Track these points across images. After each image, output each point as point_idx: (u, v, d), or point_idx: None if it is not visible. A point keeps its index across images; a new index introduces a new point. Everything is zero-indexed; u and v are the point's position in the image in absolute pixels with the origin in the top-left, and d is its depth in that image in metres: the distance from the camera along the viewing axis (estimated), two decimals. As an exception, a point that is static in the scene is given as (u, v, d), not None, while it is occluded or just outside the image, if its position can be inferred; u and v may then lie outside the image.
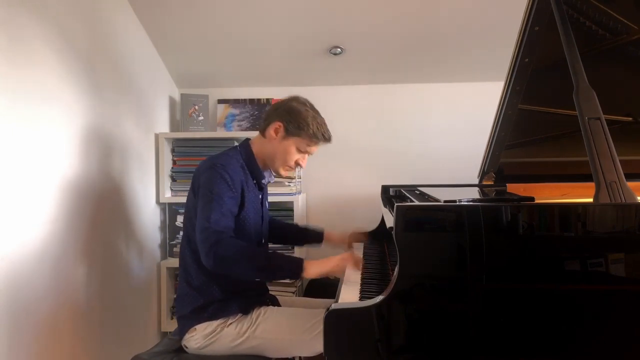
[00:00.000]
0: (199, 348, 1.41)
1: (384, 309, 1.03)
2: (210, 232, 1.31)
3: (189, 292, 1.45)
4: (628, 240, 1.01)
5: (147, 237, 2.20)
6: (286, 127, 1.46)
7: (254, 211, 1.50)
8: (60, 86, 1.56)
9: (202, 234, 1.32)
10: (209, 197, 1.35)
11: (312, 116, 1.48)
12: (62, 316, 1.56)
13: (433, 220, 1.05)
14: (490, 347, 1.01)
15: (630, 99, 1.66)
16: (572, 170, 1.75)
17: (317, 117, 1.49)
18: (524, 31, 1.47)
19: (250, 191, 1.47)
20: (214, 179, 1.37)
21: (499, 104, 1.73)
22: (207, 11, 2.06)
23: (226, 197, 1.36)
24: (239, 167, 1.45)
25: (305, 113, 1.47)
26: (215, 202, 1.34)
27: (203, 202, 1.36)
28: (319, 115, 1.51)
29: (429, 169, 2.63)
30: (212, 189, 1.36)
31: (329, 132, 1.52)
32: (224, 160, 1.43)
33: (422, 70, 2.53)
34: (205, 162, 1.45)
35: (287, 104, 1.49)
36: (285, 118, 1.46)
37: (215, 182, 1.37)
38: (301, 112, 1.46)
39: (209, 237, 1.30)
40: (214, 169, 1.39)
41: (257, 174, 1.52)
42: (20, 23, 1.38)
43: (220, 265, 1.30)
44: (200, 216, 1.35)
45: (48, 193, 1.50)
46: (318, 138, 1.49)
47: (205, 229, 1.32)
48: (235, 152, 1.50)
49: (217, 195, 1.35)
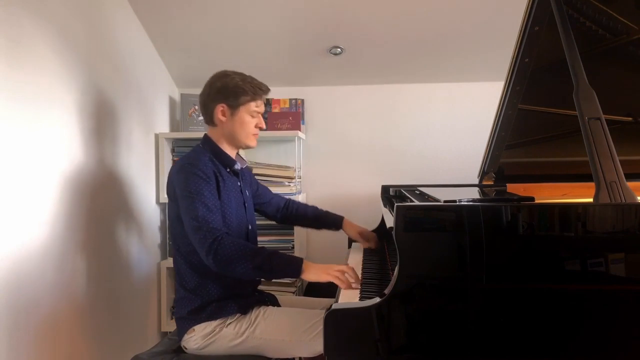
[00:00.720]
0: (198, 348, 1.41)
1: (384, 309, 1.03)
2: (204, 231, 1.31)
3: (185, 295, 1.45)
4: (628, 240, 1.01)
5: (147, 237, 2.20)
6: (228, 104, 1.48)
7: (235, 200, 1.50)
8: (60, 86, 1.56)
9: (197, 234, 1.32)
10: (189, 197, 1.36)
11: (240, 79, 1.49)
12: (62, 316, 1.56)
13: (433, 220, 1.05)
14: (490, 347, 1.01)
15: (630, 99, 1.66)
16: (572, 170, 1.75)
17: (244, 77, 1.50)
18: (524, 31, 1.47)
19: (226, 181, 1.48)
20: (187, 178, 1.38)
21: (499, 104, 1.73)
22: (207, 11, 2.06)
23: (206, 191, 1.37)
24: (208, 160, 1.46)
25: (233, 81, 1.48)
26: (197, 200, 1.35)
27: (186, 203, 1.36)
28: (244, 74, 1.52)
29: (429, 169, 2.62)
30: (190, 188, 1.36)
31: (263, 83, 1.53)
32: (191, 159, 1.43)
33: (422, 70, 2.53)
34: (174, 167, 1.46)
35: (215, 86, 1.50)
36: (222, 97, 1.48)
37: (190, 181, 1.37)
38: (229, 83, 1.48)
39: (206, 237, 1.31)
40: (184, 169, 1.40)
41: (228, 160, 1.52)
42: (20, 23, 1.38)
43: (221, 264, 1.31)
44: (187, 217, 1.35)
45: (48, 193, 1.50)
46: (258, 94, 1.51)
47: (198, 229, 1.32)
48: (199, 149, 1.51)
49: (196, 192, 1.36)
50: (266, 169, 2.39)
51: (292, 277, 1.39)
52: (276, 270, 1.34)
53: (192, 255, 1.41)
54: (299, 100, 2.60)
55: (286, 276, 1.41)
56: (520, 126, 1.77)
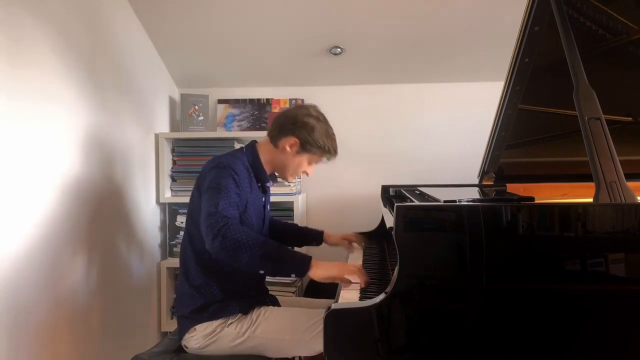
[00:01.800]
0: (199, 348, 1.41)
1: (384, 309, 1.03)
2: (218, 217, 1.29)
3: (189, 291, 1.44)
4: (628, 240, 1.01)
5: (147, 237, 2.20)
6: (302, 144, 1.49)
7: (256, 213, 1.50)
8: (60, 86, 1.56)
9: (209, 219, 1.30)
10: (216, 189, 1.35)
11: (326, 133, 1.52)
12: (62, 316, 1.56)
13: (433, 220, 1.05)
14: (490, 347, 1.01)
15: (630, 99, 1.66)
16: (572, 170, 1.75)
17: (329, 132, 1.54)
18: (524, 31, 1.47)
19: (253, 193, 1.48)
20: (221, 174, 1.38)
21: (499, 104, 1.73)
22: (207, 11, 2.06)
23: (232, 192, 1.37)
24: (244, 168, 1.46)
25: (321, 130, 1.50)
26: (223, 193, 1.35)
27: (210, 194, 1.35)
28: (331, 128, 1.55)
29: (429, 169, 2.62)
30: (220, 183, 1.36)
31: (337, 146, 1.58)
32: (230, 160, 1.43)
33: (422, 70, 2.53)
34: (211, 161, 1.46)
35: (304, 120, 1.49)
36: (302, 135, 1.48)
37: (223, 177, 1.38)
38: (317, 129, 1.49)
39: (217, 222, 1.29)
40: (221, 166, 1.40)
41: (263, 177, 1.53)
42: (20, 23, 1.38)
43: (226, 250, 1.26)
44: (206, 205, 1.33)
45: (48, 193, 1.50)
46: (331, 154, 1.55)
47: (213, 214, 1.30)
48: (241, 154, 1.51)
49: (224, 188, 1.36)
50: (266, 169, 2.39)
51: (299, 273, 1.34)
52: (284, 261, 1.31)
53: (204, 252, 1.39)
54: (299, 100, 2.60)
55: (293, 271, 1.35)
56: (520, 126, 1.77)
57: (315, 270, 1.32)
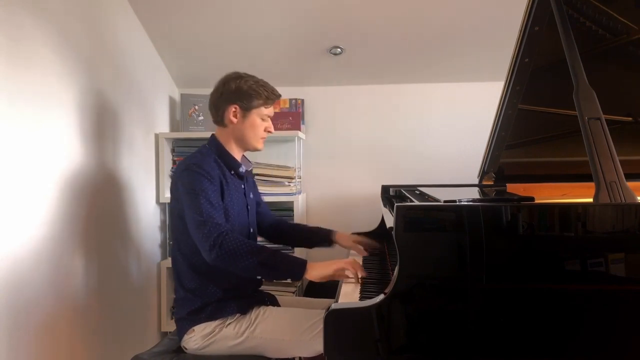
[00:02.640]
0: (198, 349, 1.41)
1: (384, 309, 1.03)
2: (209, 226, 1.32)
3: (184, 295, 1.45)
4: (628, 240, 1.01)
5: (147, 237, 2.20)
6: (241, 105, 1.49)
7: (238, 202, 1.51)
8: (60, 86, 1.56)
9: (201, 229, 1.32)
10: (193, 194, 1.36)
11: (255, 83, 1.50)
12: (62, 316, 1.56)
13: (433, 220, 1.05)
14: (490, 347, 1.01)
15: (630, 99, 1.66)
16: (572, 170, 1.75)
17: (258, 81, 1.52)
18: (524, 31, 1.47)
19: (230, 183, 1.48)
20: (192, 177, 1.39)
21: (499, 104, 1.73)
22: (207, 11, 2.06)
23: (209, 190, 1.38)
24: (213, 162, 1.46)
25: (246, 83, 1.49)
26: (201, 197, 1.36)
27: (189, 201, 1.37)
28: (257, 78, 1.53)
29: (429, 169, 2.62)
30: (194, 187, 1.37)
31: (275, 89, 1.55)
32: (197, 159, 1.44)
33: (422, 70, 2.53)
34: (179, 166, 1.47)
35: (229, 86, 1.49)
36: (235, 98, 1.48)
37: (196, 180, 1.38)
38: (242, 85, 1.48)
39: (210, 232, 1.31)
40: (190, 169, 1.40)
41: (233, 163, 1.52)
42: (20, 23, 1.38)
43: (223, 260, 1.31)
44: (191, 213, 1.35)
45: (48, 193, 1.50)
46: (271, 98, 1.52)
47: (203, 224, 1.32)
48: (206, 149, 1.52)
49: (201, 190, 1.37)
50: (266, 169, 2.39)
51: (295, 277, 1.38)
52: (280, 267, 1.34)
53: (193, 255, 1.41)
54: (299, 100, 2.60)
55: (289, 276, 1.41)
56: (520, 126, 1.77)
57: (311, 272, 1.34)
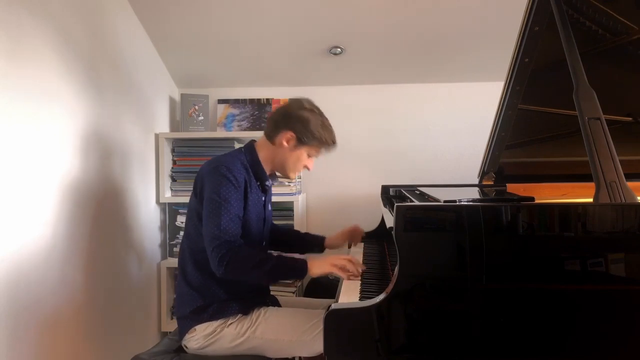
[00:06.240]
0: (199, 348, 1.41)
1: (384, 309, 1.03)
2: (222, 241, 1.33)
3: (188, 291, 1.45)
4: (628, 240, 1.01)
5: (147, 237, 2.20)
6: (298, 137, 1.48)
7: (256, 213, 1.50)
8: (60, 86, 1.56)
9: (213, 242, 1.33)
10: (216, 202, 1.36)
11: (322, 124, 1.51)
12: (63, 316, 1.56)
13: (433, 220, 1.05)
14: (490, 347, 1.01)
15: (630, 99, 1.66)
16: (572, 170, 1.75)
17: (325, 123, 1.52)
18: (524, 31, 1.47)
19: (253, 192, 1.48)
20: (220, 181, 1.38)
21: (499, 104, 1.73)
22: (207, 11, 2.06)
23: (233, 199, 1.38)
24: (242, 167, 1.46)
25: (316, 121, 1.49)
26: (223, 208, 1.35)
27: (211, 207, 1.36)
28: (326, 119, 1.54)
29: (429, 169, 2.62)
30: (219, 193, 1.37)
31: (335, 136, 1.56)
32: (228, 161, 1.43)
33: (422, 70, 2.53)
34: (209, 163, 1.45)
35: (297, 113, 1.49)
36: (297, 128, 1.48)
37: (222, 185, 1.37)
38: (311, 120, 1.48)
39: (221, 247, 1.32)
40: (219, 170, 1.39)
41: (262, 176, 1.52)
42: (20, 23, 1.38)
43: (232, 274, 1.33)
44: (209, 222, 1.35)
45: (48, 193, 1.50)
46: (329, 144, 1.54)
47: (217, 237, 1.33)
48: (239, 154, 1.51)
49: (225, 199, 1.36)
50: (266, 169, 2.39)
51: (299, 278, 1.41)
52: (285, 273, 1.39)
53: (201, 254, 1.41)
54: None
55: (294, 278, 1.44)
56: (520, 126, 1.77)
57: (311, 269, 1.38)
